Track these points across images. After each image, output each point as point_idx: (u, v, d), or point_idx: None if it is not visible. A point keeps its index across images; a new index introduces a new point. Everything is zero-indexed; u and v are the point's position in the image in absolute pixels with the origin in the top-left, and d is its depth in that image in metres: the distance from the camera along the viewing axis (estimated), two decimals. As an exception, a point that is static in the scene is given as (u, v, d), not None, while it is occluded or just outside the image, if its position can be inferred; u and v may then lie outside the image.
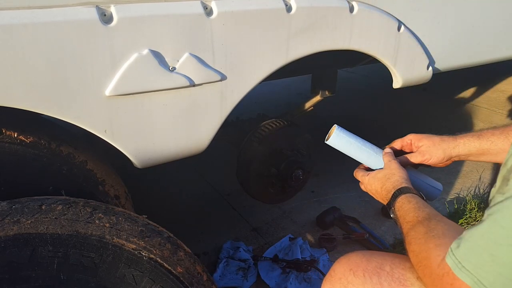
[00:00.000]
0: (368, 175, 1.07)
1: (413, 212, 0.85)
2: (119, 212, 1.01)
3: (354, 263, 0.90)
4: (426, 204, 0.88)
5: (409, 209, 0.87)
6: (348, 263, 0.92)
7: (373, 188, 1.05)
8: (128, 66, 0.99)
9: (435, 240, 0.71)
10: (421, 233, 0.76)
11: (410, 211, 0.86)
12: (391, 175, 1.02)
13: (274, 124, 1.81)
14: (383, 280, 0.82)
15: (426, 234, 0.74)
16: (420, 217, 0.82)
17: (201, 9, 1.05)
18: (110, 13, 0.94)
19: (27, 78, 0.89)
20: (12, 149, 1.03)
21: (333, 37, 1.32)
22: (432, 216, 0.81)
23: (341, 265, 0.93)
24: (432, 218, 0.79)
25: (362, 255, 0.92)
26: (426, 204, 0.88)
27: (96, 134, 1.03)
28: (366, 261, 0.89)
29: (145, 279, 0.97)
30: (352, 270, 0.89)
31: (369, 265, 0.87)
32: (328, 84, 2.15)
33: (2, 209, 0.91)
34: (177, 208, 2.25)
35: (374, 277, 0.84)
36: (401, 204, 0.91)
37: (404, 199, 0.92)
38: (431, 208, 0.86)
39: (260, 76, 1.23)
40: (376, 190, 1.04)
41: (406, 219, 0.86)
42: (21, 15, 0.85)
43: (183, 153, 1.19)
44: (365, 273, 0.86)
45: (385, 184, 1.01)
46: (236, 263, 1.80)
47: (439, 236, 0.71)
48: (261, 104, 3.60)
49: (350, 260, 0.92)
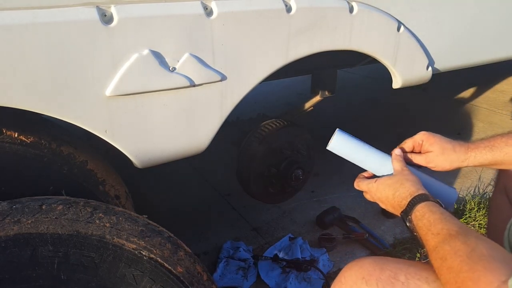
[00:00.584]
0: (376, 181, 1.00)
1: (441, 224, 0.78)
2: (120, 212, 1.01)
3: (367, 271, 0.85)
4: (452, 215, 0.82)
5: (435, 220, 0.80)
6: (360, 270, 0.87)
7: (383, 196, 0.97)
8: (129, 67, 0.99)
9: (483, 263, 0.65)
10: (462, 251, 0.69)
11: (437, 223, 0.79)
12: (404, 181, 0.95)
13: (274, 124, 1.82)
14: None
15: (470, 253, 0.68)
16: (452, 230, 0.75)
17: (201, 10, 1.05)
18: (111, 13, 0.94)
19: (27, 78, 0.89)
20: (13, 149, 1.03)
21: (333, 38, 1.33)
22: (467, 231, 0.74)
23: (352, 272, 0.88)
24: (469, 234, 0.73)
25: (375, 263, 0.87)
26: (452, 215, 0.82)
27: (97, 134, 1.03)
28: (380, 269, 0.84)
29: (145, 278, 0.98)
30: (365, 279, 0.84)
31: (382, 274, 0.83)
32: (328, 84, 2.15)
33: (3, 209, 0.91)
34: (177, 208, 2.25)
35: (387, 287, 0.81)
36: (422, 214, 0.84)
37: (424, 208, 0.85)
38: (458, 220, 0.80)
39: (260, 76, 1.23)
40: (387, 197, 0.96)
41: (433, 230, 0.79)
42: (21, 15, 0.85)
43: (183, 153, 1.19)
44: (379, 282, 0.82)
45: (398, 190, 0.93)
46: (236, 263, 1.80)
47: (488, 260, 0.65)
48: (261, 104, 3.60)
49: (362, 267, 0.87)
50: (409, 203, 0.89)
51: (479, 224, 2.01)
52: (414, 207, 0.87)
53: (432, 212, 0.83)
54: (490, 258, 0.65)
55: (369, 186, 1.01)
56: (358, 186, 1.05)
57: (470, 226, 2.02)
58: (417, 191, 0.90)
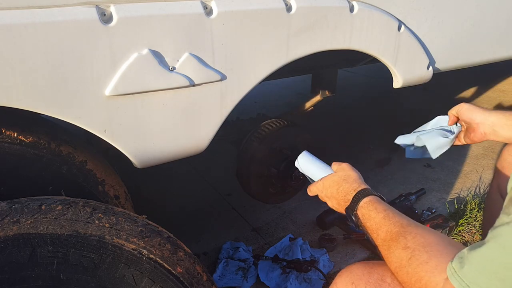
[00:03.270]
0: (322, 179, 1.07)
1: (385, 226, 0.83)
2: (119, 212, 1.01)
3: (356, 276, 0.89)
4: (393, 210, 0.86)
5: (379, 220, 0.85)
6: (350, 276, 0.91)
7: (329, 192, 1.03)
8: (128, 66, 0.99)
9: (422, 266, 0.70)
10: (405, 260, 0.75)
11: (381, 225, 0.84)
12: (347, 177, 1.00)
13: (274, 124, 1.81)
14: None
15: (411, 260, 0.73)
16: (393, 233, 0.80)
17: (201, 9, 1.05)
18: (110, 13, 0.94)
19: (27, 78, 0.89)
20: (12, 149, 1.03)
21: (333, 37, 1.32)
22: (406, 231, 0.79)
23: (342, 278, 0.92)
24: (407, 234, 0.77)
25: (364, 267, 0.91)
26: (392, 209, 0.87)
27: (96, 134, 1.03)
28: (368, 273, 0.88)
29: (144, 279, 0.97)
30: (354, 284, 0.88)
31: (370, 277, 0.87)
32: (328, 84, 2.14)
33: (2, 209, 0.90)
34: (177, 208, 2.25)
35: None
36: (367, 212, 0.90)
37: (369, 205, 0.90)
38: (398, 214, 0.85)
39: (260, 76, 1.23)
40: (332, 193, 1.02)
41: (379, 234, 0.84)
42: (21, 15, 0.85)
43: (183, 153, 1.19)
44: (367, 285, 0.86)
45: (342, 186, 0.99)
46: (236, 263, 1.80)
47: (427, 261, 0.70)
48: (261, 104, 3.60)
49: (352, 272, 0.91)
50: (353, 198, 0.94)
51: (480, 224, 2.01)
52: (358, 202, 0.92)
53: (376, 210, 0.88)
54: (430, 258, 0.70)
55: (317, 186, 1.09)
56: (309, 191, 1.13)
57: (471, 226, 2.02)
58: (360, 186, 0.96)
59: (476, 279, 0.61)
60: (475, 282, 0.61)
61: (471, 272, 0.62)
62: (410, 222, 0.82)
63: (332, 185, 1.03)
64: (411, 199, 2.23)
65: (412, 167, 2.62)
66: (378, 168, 2.64)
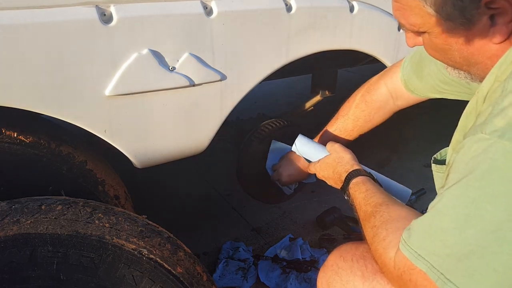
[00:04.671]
0: (319, 161, 1.14)
1: (363, 206, 0.90)
2: (119, 212, 1.01)
3: (344, 250, 0.96)
4: (374, 190, 0.92)
5: (360, 201, 0.92)
6: (339, 250, 0.98)
7: (326, 174, 1.12)
8: (128, 66, 0.99)
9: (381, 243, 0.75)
10: (370, 238, 0.80)
11: (361, 205, 0.91)
12: (340, 158, 1.08)
13: (274, 124, 1.81)
14: (367, 262, 0.88)
15: (373, 238, 0.78)
16: (367, 213, 0.86)
17: (201, 9, 1.05)
18: (110, 13, 0.94)
19: (27, 78, 0.89)
20: (12, 149, 1.03)
21: (333, 37, 1.32)
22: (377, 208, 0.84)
23: (333, 254, 0.99)
24: (377, 213, 0.82)
25: (352, 244, 0.98)
26: (374, 189, 0.92)
27: (96, 134, 1.03)
28: (355, 248, 0.95)
29: (144, 279, 0.97)
30: (342, 256, 0.94)
31: (357, 251, 0.93)
32: (328, 84, 2.14)
33: (2, 209, 0.90)
34: (177, 208, 2.25)
35: (361, 260, 0.90)
36: (353, 192, 0.97)
37: (355, 185, 0.97)
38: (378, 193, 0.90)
39: (260, 76, 1.23)
40: (328, 175, 1.11)
41: (360, 213, 0.91)
42: (21, 15, 0.85)
43: (183, 153, 1.19)
44: (353, 257, 0.92)
45: (336, 168, 1.07)
46: (235, 263, 1.80)
47: (384, 238, 0.75)
48: (261, 104, 3.59)
49: (341, 248, 0.98)
50: (345, 179, 1.02)
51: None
52: (349, 183, 1.00)
53: (360, 191, 0.94)
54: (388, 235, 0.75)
55: (315, 166, 1.17)
56: (309, 169, 1.21)
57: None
58: (352, 167, 1.04)
59: (422, 244, 0.65)
60: (421, 247, 0.65)
61: (417, 239, 0.66)
62: (384, 201, 0.86)
63: (327, 168, 1.11)
64: (411, 199, 2.23)
65: (412, 167, 2.62)
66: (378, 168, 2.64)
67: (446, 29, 0.70)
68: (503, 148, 0.56)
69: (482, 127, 0.61)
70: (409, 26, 0.75)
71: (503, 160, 0.56)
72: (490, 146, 0.58)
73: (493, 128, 0.58)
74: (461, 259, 0.59)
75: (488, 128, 0.59)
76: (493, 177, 0.57)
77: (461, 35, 0.70)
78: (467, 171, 0.60)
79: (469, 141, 0.62)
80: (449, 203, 0.63)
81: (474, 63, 0.74)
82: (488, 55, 0.71)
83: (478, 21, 0.67)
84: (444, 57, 0.78)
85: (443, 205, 0.64)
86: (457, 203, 0.62)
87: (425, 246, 0.64)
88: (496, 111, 0.60)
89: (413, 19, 0.73)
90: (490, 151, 0.58)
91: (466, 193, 0.60)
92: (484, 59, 0.72)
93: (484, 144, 0.59)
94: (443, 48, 0.75)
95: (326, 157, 1.14)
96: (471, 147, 0.61)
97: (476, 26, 0.67)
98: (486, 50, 0.70)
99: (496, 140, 0.57)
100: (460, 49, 0.72)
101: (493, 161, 0.57)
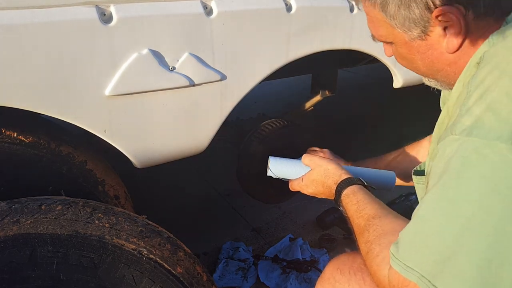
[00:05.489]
0: (301, 178, 1.09)
1: (356, 219, 0.86)
2: (119, 212, 1.01)
3: (342, 262, 0.94)
4: (366, 200, 0.88)
5: (352, 213, 0.88)
6: (336, 262, 0.95)
7: (315, 190, 1.06)
8: (128, 66, 0.99)
9: (375, 260, 0.73)
10: (364, 253, 0.78)
11: (354, 217, 0.87)
12: (326, 171, 1.03)
13: (274, 124, 1.81)
14: (365, 275, 0.86)
15: (367, 255, 0.76)
16: (360, 226, 0.83)
17: (201, 9, 1.05)
18: (110, 12, 0.94)
19: (27, 78, 0.89)
20: (12, 149, 1.03)
21: (333, 37, 1.32)
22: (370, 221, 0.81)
23: (330, 266, 0.97)
24: (370, 226, 0.80)
25: (349, 255, 0.96)
26: (365, 199, 0.88)
27: (96, 134, 1.02)
28: (352, 259, 0.93)
29: (144, 279, 0.97)
30: (339, 269, 0.92)
31: (354, 263, 0.91)
32: (328, 84, 2.14)
33: (2, 209, 0.90)
34: (177, 208, 2.25)
35: (358, 273, 0.89)
36: (345, 205, 0.93)
37: (345, 198, 0.93)
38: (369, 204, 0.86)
39: (260, 76, 1.23)
40: (319, 191, 1.05)
41: (353, 226, 0.87)
42: (21, 15, 0.85)
43: (183, 153, 1.19)
44: (351, 270, 0.90)
45: (326, 182, 1.02)
46: (235, 263, 1.80)
47: (377, 254, 0.73)
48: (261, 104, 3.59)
49: (338, 260, 0.96)
50: (336, 192, 0.98)
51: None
52: (340, 195, 0.95)
53: (352, 203, 0.90)
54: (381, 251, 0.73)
55: (299, 185, 1.10)
56: (291, 187, 1.14)
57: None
58: (340, 177, 0.98)
59: (410, 256, 0.63)
60: (409, 259, 0.63)
61: (405, 251, 0.65)
62: (376, 213, 0.83)
63: (316, 184, 1.05)
64: (411, 199, 2.22)
65: (412, 167, 2.61)
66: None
67: (407, 40, 0.76)
68: (472, 145, 0.58)
69: (452, 129, 0.63)
70: (379, 37, 0.81)
71: (474, 156, 0.58)
72: (460, 145, 0.59)
73: (462, 128, 0.60)
74: (445, 262, 0.59)
75: (457, 129, 0.61)
76: (467, 174, 0.58)
77: (420, 45, 0.75)
78: (443, 173, 0.61)
79: (442, 145, 0.64)
80: (429, 207, 0.63)
81: (436, 70, 0.79)
82: (447, 63, 0.76)
83: (432, 33, 0.72)
84: (411, 66, 0.83)
85: (424, 210, 0.64)
86: (436, 206, 0.62)
87: (413, 257, 0.63)
88: (463, 111, 0.62)
89: (380, 30, 0.79)
90: (461, 149, 0.59)
91: (444, 194, 0.61)
92: (444, 66, 0.77)
93: (455, 144, 0.60)
94: (408, 57, 0.81)
95: (309, 173, 1.07)
96: (445, 150, 0.62)
97: (431, 37, 0.73)
98: (444, 59, 0.75)
99: (465, 138, 0.59)
100: (422, 58, 0.77)
101: (464, 158, 0.58)
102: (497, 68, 0.62)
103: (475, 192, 0.57)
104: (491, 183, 0.56)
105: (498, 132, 0.56)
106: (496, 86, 0.60)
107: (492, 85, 0.61)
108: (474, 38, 0.71)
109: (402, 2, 0.70)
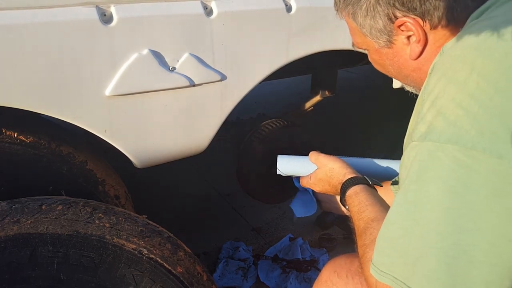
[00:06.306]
0: (309, 176, 1.11)
1: (357, 221, 0.87)
2: (119, 212, 1.01)
3: (339, 265, 0.94)
4: (367, 202, 0.89)
5: (354, 215, 0.89)
6: (333, 265, 0.96)
7: (324, 188, 1.08)
8: (128, 66, 0.99)
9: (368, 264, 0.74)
10: (360, 255, 0.79)
11: (355, 219, 0.88)
12: (331, 170, 1.05)
13: (274, 124, 1.81)
14: (363, 279, 0.86)
15: (362, 258, 0.77)
16: (360, 228, 0.84)
17: (201, 9, 1.05)
18: (110, 13, 0.94)
19: (27, 78, 0.89)
20: (12, 149, 1.03)
21: (333, 37, 1.32)
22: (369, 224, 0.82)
23: (327, 268, 0.97)
24: (368, 229, 0.81)
25: (346, 257, 0.96)
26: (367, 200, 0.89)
27: (96, 134, 1.03)
28: (350, 262, 0.93)
29: (145, 279, 0.97)
30: (336, 272, 0.93)
31: (352, 266, 0.91)
32: (328, 84, 2.14)
33: (2, 209, 0.91)
34: (177, 208, 2.25)
35: (356, 277, 0.89)
36: (349, 205, 0.94)
37: (348, 198, 0.94)
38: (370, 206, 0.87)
39: (260, 76, 1.23)
40: (326, 189, 1.08)
41: (354, 228, 0.88)
42: (21, 15, 0.85)
43: (183, 153, 1.19)
44: (348, 273, 0.90)
45: (331, 181, 1.04)
46: (235, 263, 1.80)
47: (369, 258, 0.74)
48: (261, 104, 3.59)
49: (335, 262, 0.96)
50: (341, 192, 0.99)
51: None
52: (344, 196, 0.96)
53: (354, 204, 0.92)
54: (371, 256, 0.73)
55: (308, 182, 1.12)
56: (302, 184, 1.17)
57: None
58: (344, 176, 1.00)
59: (382, 259, 0.65)
60: (382, 262, 0.65)
61: (377, 256, 0.67)
62: (376, 216, 0.84)
63: (323, 183, 1.07)
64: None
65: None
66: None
67: (377, 47, 0.81)
68: (426, 149, 0.61)
69: (411, 137, 0.66)
70: (356, 43, 0.87)
71: (429, 159, 0.60)
72: (418, 150, 0.63)
73: (418, 134, 0.63)
74: (415, 263, 0.61)
75: (415, 136, 0.64)
76: (425, 177, 0.61)
77: (387, 52, 0.81)
78: (406, 178, 0.65)
79: (406, 152, 0.67)
80: (394, 211, 0.66)
81: (405, 76, 0.84)
82: (412, 69, 0.81)
83: (396, 41, 0.78)
84: (385, 71, 0.89)
85: (390, 214, 0.66)
86: (400, 209, 0.64)
87: (384, 261, 0.65)
88: (419, 119, 0.65)
89: (356, 38, 0.85)
90: (418, 154, 0.62)
91: (406, 198, 0.63)
92: (410, 72, 0.82)
93: (414, 150, 0.64)
94: (380, 63, 0.86)
95: (315, 172, 1.09)
96: (408, 157, 0.66)
97: (396, 45, 0.78)
98: (409, 65, 0.80)
99: (421, 144, 0.62)
100: (391, 64, 0.83)
101: (421, 162, 0.61)
102: (444, 76, 0.65)
103: (433, 193, 0.60)
104: (447, 184, 0.59)
105: (448, 135, 0.59)
106: (444, 92, 0.63)
107: (441, 92, 0.64)
108: (434, 47, 0.76)
109: (368, 13, 0.76)
